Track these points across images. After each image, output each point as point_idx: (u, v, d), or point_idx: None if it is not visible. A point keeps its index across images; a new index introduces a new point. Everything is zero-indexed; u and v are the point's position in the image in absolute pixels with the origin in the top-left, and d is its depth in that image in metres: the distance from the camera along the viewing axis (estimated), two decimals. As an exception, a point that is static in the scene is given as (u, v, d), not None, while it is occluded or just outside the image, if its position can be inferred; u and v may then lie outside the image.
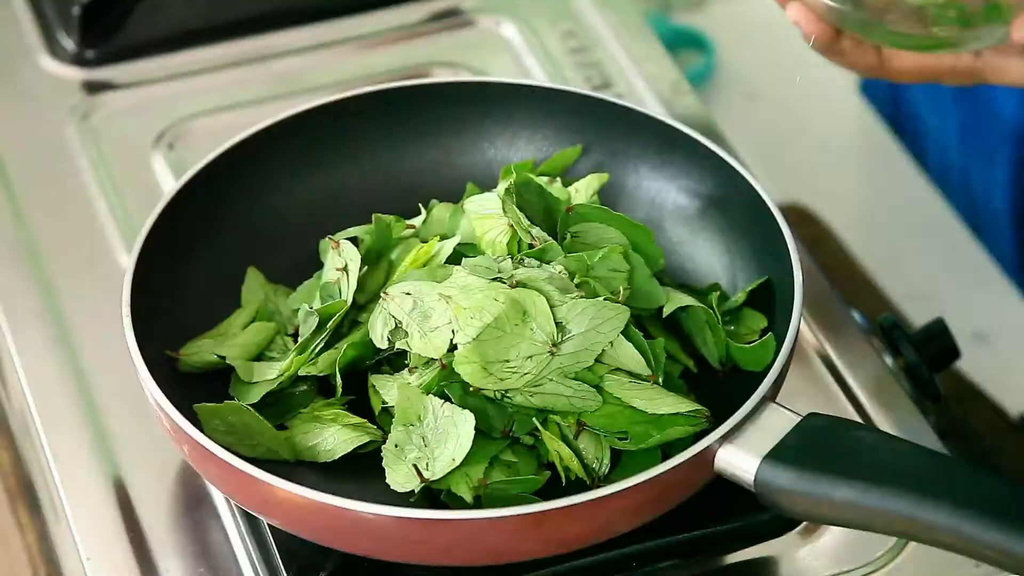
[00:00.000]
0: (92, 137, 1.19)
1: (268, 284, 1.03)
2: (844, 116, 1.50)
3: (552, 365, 0.93)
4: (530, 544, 0.91)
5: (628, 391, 0.94)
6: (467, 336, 0.92)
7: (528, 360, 0.93)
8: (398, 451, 0.93)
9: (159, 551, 0.97)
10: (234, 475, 0.91)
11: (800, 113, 1.51)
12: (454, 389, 0.93)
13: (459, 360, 0.92)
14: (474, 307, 0.92)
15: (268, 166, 1.06)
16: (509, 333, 0.92)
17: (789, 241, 0.99)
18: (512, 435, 0.94)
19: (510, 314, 0.92)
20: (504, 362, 0.92)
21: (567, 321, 0.93)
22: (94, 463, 1.01)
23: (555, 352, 0.93)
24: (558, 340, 0.93)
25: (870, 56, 1.02)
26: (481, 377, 0.92)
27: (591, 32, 1.26)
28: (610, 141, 1.07)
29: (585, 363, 0.93)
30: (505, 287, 0.93)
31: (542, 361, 0.93)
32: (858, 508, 0.87)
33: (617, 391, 0.94)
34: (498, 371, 0.92)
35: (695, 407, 0.94)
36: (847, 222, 1.41)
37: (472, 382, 0.92)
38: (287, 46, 1.25)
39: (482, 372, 0.92)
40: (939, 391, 1.09)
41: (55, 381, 1.05)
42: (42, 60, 1.24)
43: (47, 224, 1.14)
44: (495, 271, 0.95)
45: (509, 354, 0.93)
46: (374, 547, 0.91)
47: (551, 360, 0.93)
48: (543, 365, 0.93)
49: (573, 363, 0.93)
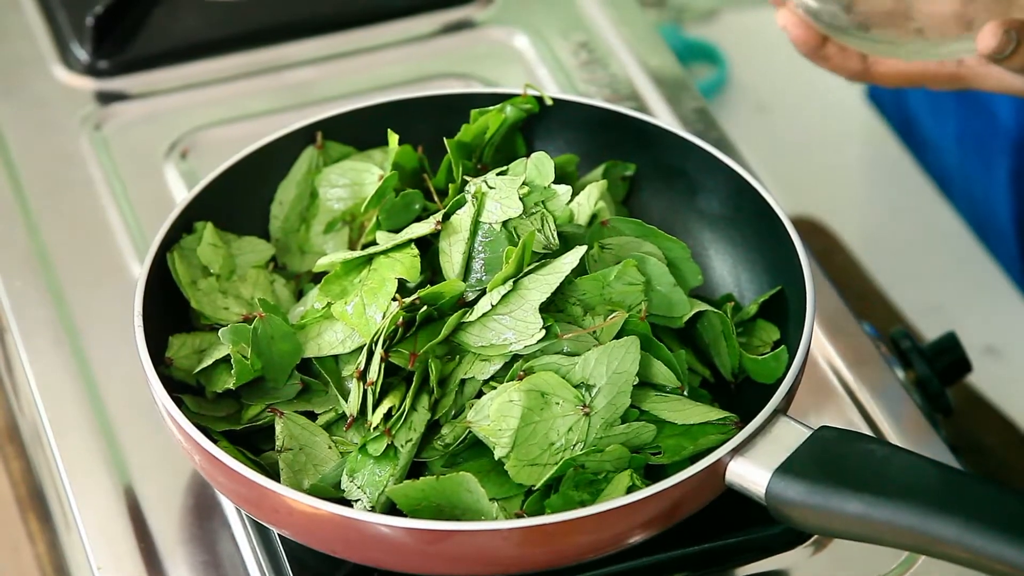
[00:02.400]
0: (104, 147, 1.19)
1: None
2: (855, 129, 1.50)
3: (594, 423, 0.93)
4: (540, 556, 0.91)
5: (656, 404, 0.95)
6: (504, 449, 0.92)
7: (570, 432, 0.93)
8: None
9: (170, 561, 0.97)
10: (245, 486, 0.91)
11: (811, 126, 1.51)
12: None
13: (510, 470, 0.92)
14: (496, 418, 0.92)
15: (280, 176, 1.06)
16: (540, 420, 0.93)
17: (801, 253, 0.99)
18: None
19: (531, 405, 0.93)
20: (550, 446, 0.93)
21: (587, 378, 0.93)
22: (105, 472, 1.01)
23: (590, 411, 0.93)
24: (587, 400, 0.93)
25: (855, 61, 1.04)
26: (535, 474, 0.92)
27: (603, 44, 1.26)
28: (623, 153, 1.07)
29: (623, 405, 0.94)
30: (514, 384, 0.93)
31: (582, 426, 0.93)
32: (869, 522, 0.87)
33: (645, 405, 0.94)
34: (549, 458, 0.93)
35: (724, 414, 0.94)
36: (858, 235, 1.41)
37: (528, 483, 0.92)
38: (299, 57, 1.25)
39: (532, 470, 0.92)
40: (950, 404, 1.09)
41: (66, 390, 1.05)
42: (55, 70, 1.24)
43: (59, 233, 1.14)
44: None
45: (550, 437, 0.93)
46: (385, 558, 0.91)
47: (591, 419, 0.93)
48: (585, 428, 0.93)
49: (612, 412, 0.93)
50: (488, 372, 0.94)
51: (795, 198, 1.42)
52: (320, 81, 1.23)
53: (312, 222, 1.06)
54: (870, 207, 1.44)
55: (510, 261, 0.94)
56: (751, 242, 1.04)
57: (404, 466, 0.93)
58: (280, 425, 0.95)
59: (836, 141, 1.50)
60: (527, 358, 0.94)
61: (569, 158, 1.06)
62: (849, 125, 1.51)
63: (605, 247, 0.99)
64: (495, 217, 0.97)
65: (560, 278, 0.94)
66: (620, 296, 0.97)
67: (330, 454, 0.95)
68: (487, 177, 0.99)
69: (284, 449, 0.95)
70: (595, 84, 1.23)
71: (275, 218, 1.06)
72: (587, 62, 1.25)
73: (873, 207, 1.44)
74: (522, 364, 0.94)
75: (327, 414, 0.97)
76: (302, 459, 0.95)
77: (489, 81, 1.23)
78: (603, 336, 0.95)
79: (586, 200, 1.01)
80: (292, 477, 0.94)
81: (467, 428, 0.93)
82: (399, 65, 1.25)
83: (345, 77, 1.24)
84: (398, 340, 0.94)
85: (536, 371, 0.93)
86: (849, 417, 1.04)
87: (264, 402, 0.97)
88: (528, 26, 1.27)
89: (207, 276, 1.01)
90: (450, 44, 1.27)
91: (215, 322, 1.00)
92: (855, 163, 1.49)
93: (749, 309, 1.01)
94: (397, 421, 0.93)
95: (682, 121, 1.20)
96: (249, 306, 1.01)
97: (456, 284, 0.95)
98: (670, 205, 1.07)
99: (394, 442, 0.93)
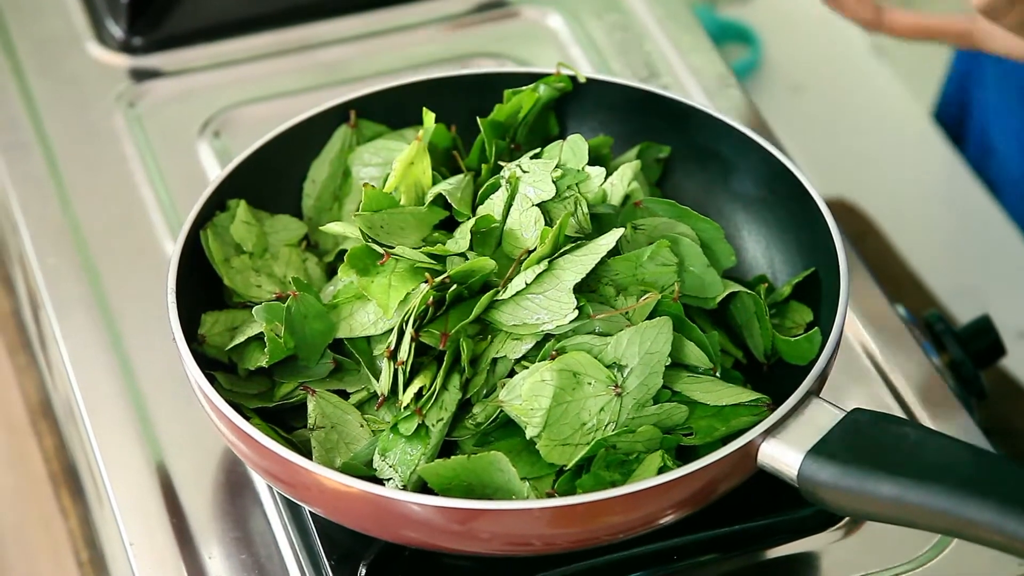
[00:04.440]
0: (139, 124, 1.19)
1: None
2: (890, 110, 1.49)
3: (626, 403, 0.93)
4: (571, 535, 0.91)
5: (688, 385, 0.94)
6: (536, 428, 0.92)
7: (602, 412, 0.93)
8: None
9: (201, 537, 0.98)
10: (277, 463, 0.91)
11: (846, 107, 1.51)
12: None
13: (542, 449, 0.92)
14: (527, 397, 0.92)
15: (313, 154, 1.06)
16: (572, 400, 0.93)
17: (835, 235, 0.99)
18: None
19: (563, 385, 0.92)
20: (582, 426, 0.93)
21: (619, 358, 0.93)
22: (138, 449, 1.02)
23: (622, 392, 0.93)
24: (619, 380, 0.93)
25: (868, 9, 1.04)
26: (567, 454, 0.92)
27: (637, 24, 1.26)
28: (656, 133, 1.07)
29: (655, 386, 0.93)
30: (546, 364, 0.93)
31: (614, 406, 0.93)
32: (901, 504, 0.87)
33: (677, 386, 0.94)
34: (580, 438, 0.92)
35: (756, 396, 0.94)
36: (892, 217, 1.40)
37: (560, 463, 0.92)
38: (333, 35, 1.25)
39: (563, 449, 0.92)
40: (984, 388, 1.09)
41: (100, 367, 1.06)
42: (90, 47, 1.24)
43: (93, 210, 1.14)
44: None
45: (582, 417, 0.93)
46: (416, 536, 0.91)
47: (622, 400, 0.93)
48: (617, 409, 0.93)
49: (644, 393, 0.93)
50: (520, 351, 0.94)
51: (829, 180, 1.42)
52: (353, 60, 1.23)
53: (345, 201, 1.06)
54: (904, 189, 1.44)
55: (545, 241, 0.94)
56: (785, 224, 1.04)
57: (436, 445, 0.93)
58: (312, 403, 0.95)
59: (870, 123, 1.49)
60: (559, 338, 0.94)
61: (603, 140, 1.06)
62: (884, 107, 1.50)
63: (638, 228, 0.99)
64: (529, 201, 0.97)
65: (596, 260, 0.94)
66: (653, 277, 0.96)
67: (362, 432, 0.95)
68: (521, 161, 0.99)
69: (316, 427, 0.95)
70: (629, 65, 1.23)
71: (308, 196, 1.06)
72: (621, 42, 1.25)
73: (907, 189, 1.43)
74: (554, 344, 0.94)
75: (359, 393, 0.97)
76: (334, 437, 0.95)
77: (522, 61, 1.23)
78: (635, 317, 0.95)
79: (619, 180, 1.00)
80: (324, 455, 0.94)
81: (499, 407, 0.93)
82: (432, 44, 1.24)
83: (378, 56, 1.24)
84: (429, 320, 0.94)
85: (568, 351, 0.93)
86: (882, 399, 1.04)
87: (296, 380, 0.97)
88: (562, 6, 1.27)
89: (240, 254, 1.02)
90: (483, 23, 1.26)
91: (247, 300, 1.00)
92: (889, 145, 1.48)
93: (783, 290, 1.01)
94: (428, 400, 0.93)
95: (715, 101, 1.20)
96: (281, 284, 1.01)
97: (486, 262, 0.95)
98: (704, 186, 1.06)
99: (425, 421, 0.93)
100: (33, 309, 1.13)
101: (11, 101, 1.21)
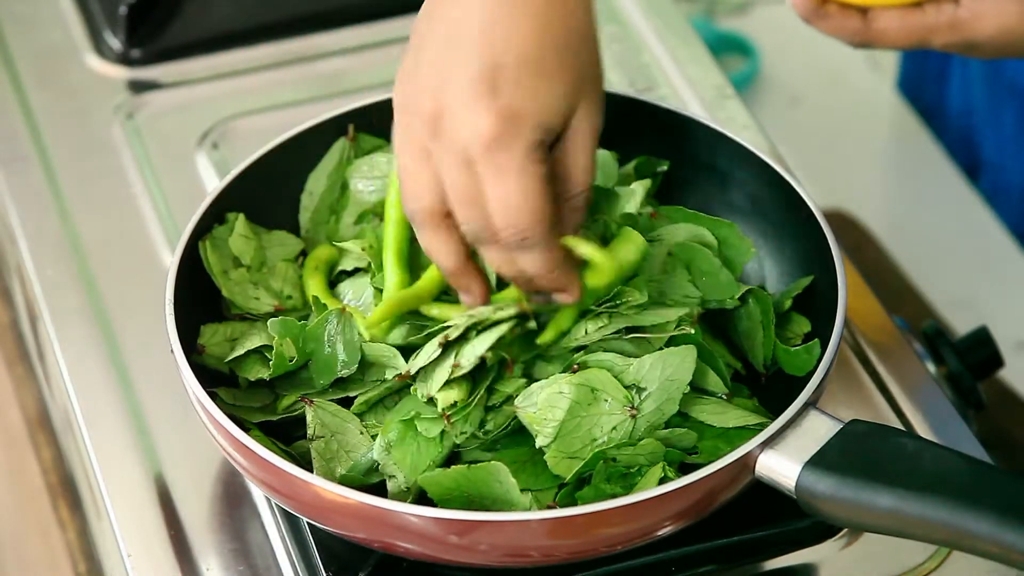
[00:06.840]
0: (137, 136, 1.20)
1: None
2: (887, 122, 1.50)
3: (639, 425, 0.93)
4: (569, 547, 0.91)
5: (696, 406, 0.95)
6: (547, 439, 0.92)
7: (614, 431, 0.93)
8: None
9: (200, 549, 0.98)
10: (275, 474, 0.91)
11: (843, 119, 1.51)
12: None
13: (549, 460, 0.92)
14: (543, 407, 0.92)
15: (311, 166, 1.06)
16: (586, 415, 0.93)
17: (833, 246, 0.99)
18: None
19: (580, 399, 0.93)
20: (592, 441, 0.93)
21: (639, 380, 0.93)
22: (136, 460, 1.02)
23: (637, 414, 0.93)
24: (636, 402, 0.93)
25: (854, 20, 1.02)
26: (573, 468, 0.92)
27: (635, 35, 1.26)
28: (653, 144, 1.07)
29: (671, 412, 0.94)
30: (566, 376, 0.93)
31: (627, 426, 0.93)
32: (899, 516, 0.87)
33: (685, 407, 0.94)
34: (589, 453, 0.92)
35: (762, 420, 0.94)
36: (890, 228, 1.41)
37: (565, 475, 0.92)
38: (331, 47, 1.25)
39: (571, 463, 0.92)
40: (982, 399, 1.09)
41: (98, 378, 1.06)
42: (88, 59, 1.25)
43: (92, 222, 1.14)
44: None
45: (594, 433, 0.93)
46: (415, 548, 0.91)
47: (636, 422, 0.93)
48: (630, 429, 0.93)
49: (659, 416, 0.94)
50: (546, 373, 0.95)
51: (826, 191, 1.42)
52: (352, 71, 1.23)
53: (342, 214, 1.06)
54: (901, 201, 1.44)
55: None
56: (782, 235, 1.04)
57: (446, 454, 0.93)
58: (311, 414, 0.95)
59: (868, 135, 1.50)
60: (585, 351, 0.94)
61: (612, 155, 1.06)
62: (881, 118, 1.50)
63: (654, 239, 0.99)
64: None
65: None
66: (674, 303, 0.97)
67: (362, 440, 0.95)
68: None
69: (315, 437, 0.95)
70: (627, 74, 1.23)
71: (305, 209, 1.06)
72: (618, 53, 1.25)
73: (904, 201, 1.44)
74: (578, 357, 0.94)
75: (366, 394, 0.96)
76: (334, 446, 0.95)
77: (521, 72, 1.23)
78: (655, 340, 0.95)
79: (631, 201, 1.01)
80: (324, 466, 0.94)
81: (513, 413, 0.93)
82: (431, 56, 1.24)
83: (377, 67, 1.24)
84: (496, 341, 0.93)
85: (591, 366, 0.93)
86: (880, 411, 1.04)
87: (299, 392, 0.97)
88: (560, 17, 1.27)
89: (238, 267, 1.02)
90: (482, 35, 1.26)
91: (246, 312, 1.01)
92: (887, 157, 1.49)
93: (784, 302, 1.01)
94: (460, 412, 0.93)
95: (713, 113, 1.20)
96: (279, 298, 1.01)
97: (572, 312, 0.94)
98: (700, 197, 1.06)
99: (450, 430, 0.93)
100: (31, 320, 1.13)
101: (9, 113, 1.21)
